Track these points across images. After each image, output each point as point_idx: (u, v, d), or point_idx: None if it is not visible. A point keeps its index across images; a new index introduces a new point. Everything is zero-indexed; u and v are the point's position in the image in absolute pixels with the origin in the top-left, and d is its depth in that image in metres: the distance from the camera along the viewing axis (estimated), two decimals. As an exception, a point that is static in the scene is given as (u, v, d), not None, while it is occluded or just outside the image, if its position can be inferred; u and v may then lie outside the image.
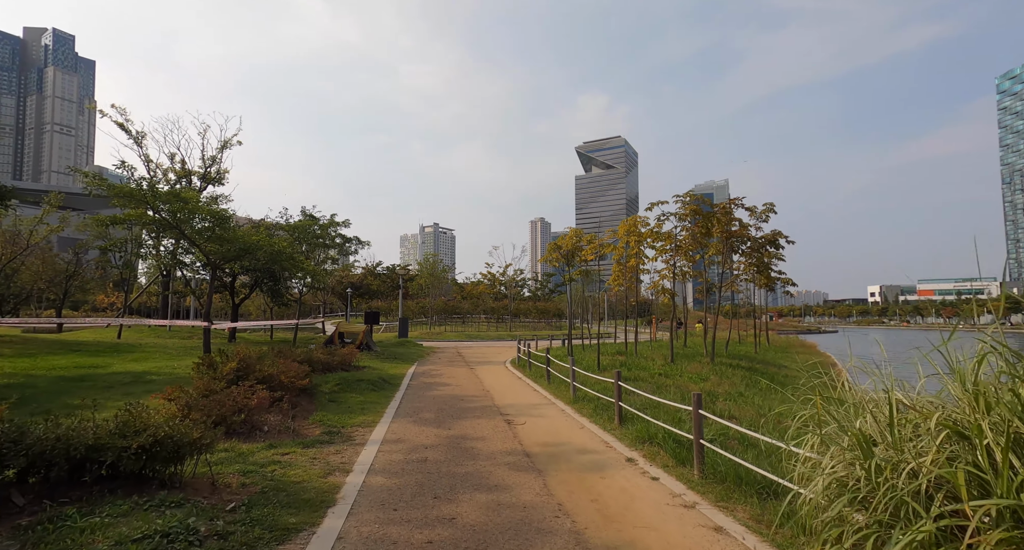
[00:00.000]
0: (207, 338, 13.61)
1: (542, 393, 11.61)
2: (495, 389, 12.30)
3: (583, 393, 10.53)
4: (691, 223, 15.61)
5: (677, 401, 9.03)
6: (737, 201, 15.54)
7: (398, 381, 13.34)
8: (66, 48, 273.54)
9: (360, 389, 11.14)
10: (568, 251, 18.16)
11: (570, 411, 9.38)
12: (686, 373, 13.91)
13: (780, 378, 15.41)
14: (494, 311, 55.63)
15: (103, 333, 23.29)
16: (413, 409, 9.49)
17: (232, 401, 6.64)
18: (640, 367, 15.00)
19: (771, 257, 19.29)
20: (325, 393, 10.43)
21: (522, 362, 17.80)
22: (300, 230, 20.07)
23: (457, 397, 10.96)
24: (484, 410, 9.51)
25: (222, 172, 26.98)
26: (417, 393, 11.47)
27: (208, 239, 12.29)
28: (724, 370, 14.92)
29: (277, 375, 8.50)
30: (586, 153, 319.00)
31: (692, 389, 11.40)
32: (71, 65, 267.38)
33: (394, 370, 15.90)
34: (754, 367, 16.68)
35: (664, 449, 6.32)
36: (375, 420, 8.40)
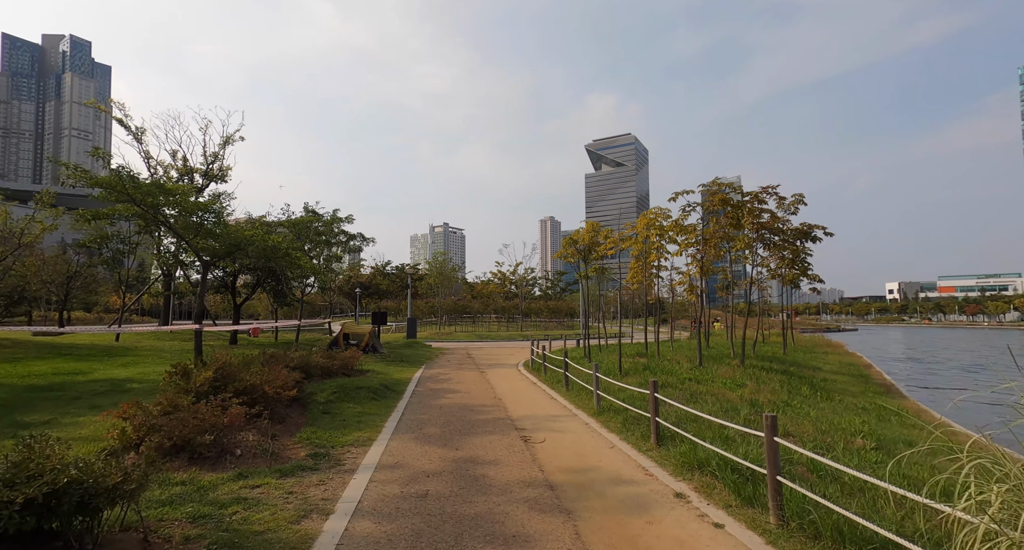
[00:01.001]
0: (198, 341, 12.67)
1: (560, 402, 10.43)
2: (508, 397, 11.16)
3: (608, 403, 9.34)
4: (721, 213, 14.32)
5: (720, 415, 7.82)
6: (770, 189, 14.21)
7: (402, 387, 12.26)
8: (83, 54, 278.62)
9: (359, 398, 10.07)
10: (585, 246, 16.93)
11: (595, 425, 8.20)
12: (717, 378, 12.63)
13: (819, 382, 14.05)
14: (505, 310, 54.53)
15: (103, 335, 22.60)
16: (416, 422, 8.38)
17: (197, 420, 5.58)
18: (666, 371, 13.75)
19: (800, 252, 17.87)
20: (319, 403, 9.37)
21: (536, 365, 16.64)
22: (301, 226, 19.11)
23: (466, 407, 9.84)
24: (496, 424, 8.36)
25: (225, 169, 26.20)
26: (422, 402, 10.37)
27: (197, 234, 11.34)
28: (758, 374, 13.61)
29: (260, 385, 7.43)
30: (595, 151, 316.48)
31: (729, 397, 10.15)
32: (88, 71, 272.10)
33: (399, 374, 14.84)
34: (788, 370, 15.32)
35: (721, 481, 5.11)
36: (372, 437, 7.30)
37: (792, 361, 19.14)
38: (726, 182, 14.32)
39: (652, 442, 6.76)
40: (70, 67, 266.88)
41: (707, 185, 14.95)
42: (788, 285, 25.34)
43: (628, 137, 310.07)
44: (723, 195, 14.16)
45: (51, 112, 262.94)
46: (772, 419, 4.29)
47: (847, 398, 12.01)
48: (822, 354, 25.09)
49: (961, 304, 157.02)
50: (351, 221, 20.34)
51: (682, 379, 12.32)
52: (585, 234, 16.61)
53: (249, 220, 20.02)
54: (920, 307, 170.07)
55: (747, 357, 18.16)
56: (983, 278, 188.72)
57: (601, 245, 17.16)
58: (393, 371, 15.55)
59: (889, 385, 15.77)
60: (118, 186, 10.13)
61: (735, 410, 8.77)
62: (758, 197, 14.05)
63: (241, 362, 8.79)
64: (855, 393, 13.30)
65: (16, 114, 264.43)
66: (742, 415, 8.16)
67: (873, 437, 7.00)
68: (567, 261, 18.93)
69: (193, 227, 11.30)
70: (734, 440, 6.61)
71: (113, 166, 9.95)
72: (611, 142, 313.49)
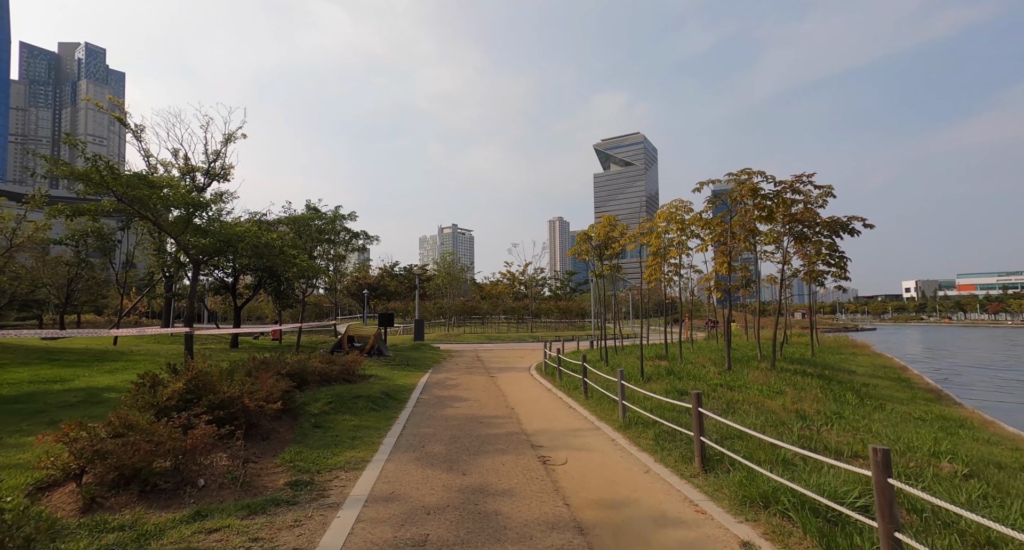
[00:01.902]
0: (189, 345, 11.82)
1: (580, 412, 9.38)
2: (521, 406, 10.13)
3: (634, 414, 8.28)
4: (750, 205, 13.18)
5: (770, 432, 6.73)
6: (804, 177, 13.04)
7: (406, 395, 11.29)
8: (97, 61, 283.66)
9: (357, 408, 9.11)
10: (600, 243, 15.86)
11: (622, 441, 7.14)
12: (750, 384, 11.50)
13: (859, 387, 12.82)
14: (514, 311, 53.53)
15: (101, 339, 21.97)
16: (418, 438, 7.39)
17: (153, 443, 4.63)
18: (692, 376, 12.63)
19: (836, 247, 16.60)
20: (312, 415, 8.42)
21: (550, 369, 15.60)
22: (301, 224, 18.26)
23: (475, 419, 8.83)
24: (510, 439, 7.34)
25: (227, 167, 25.53)
26: (426, 413, 9.38)
27: (185, 231, 10.49)
28: (793, 379, 12.44)
29: (240, 398, 6.49)
30: (604, 150, 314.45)
31: (770, 407, 9.03)
32: (102, 77, 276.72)
33: (404, 380, 13.89)
34: (823, 374, 14.11)
35: (798, 525, 4.04)
36: (366, 457, 6.32)
37: (823, 363, 17.89)
38: (755, 171, 13.18)
39: (696, 466, 5.69)
40: (85, 74, 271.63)
41: (735, 174, 13.81)
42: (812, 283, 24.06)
43: (637, 136, 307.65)
44: (753, 184, 13.01)
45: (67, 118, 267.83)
46: (884, 454, 3.23)
47: (897, 406, 10.81)
48: (850, 355, 23.74)
49: (982, 302, 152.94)
50: (354, 218, 19.47)
51: (712, 385, 11.20)
52: (600, 229, 15.54)
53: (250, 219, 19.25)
54: (939, 305, 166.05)
55: (768, 358, 16.98)
56: (1004, 275, 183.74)
57: (617, 241, 16.07)
58: (397, 376, 14.61)
59: (936, 390, 14.48)
60: (96, 178, 9.32)
61: (783, 423, 7.67)
62: (792, 186, 12.89)
63: (224, 370, 7.88)
64: (903, 400, 12.07)
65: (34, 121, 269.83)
66: (795, 431, 7.06)
67: (960, 460, 5.87)
68: (580, 259, 17.87)
69: (181, 223, 10.46)
70: (794, 464, 5.54)
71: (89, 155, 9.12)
72: (620, 141, 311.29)
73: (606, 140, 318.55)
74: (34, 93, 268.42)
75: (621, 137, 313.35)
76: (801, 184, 13.04)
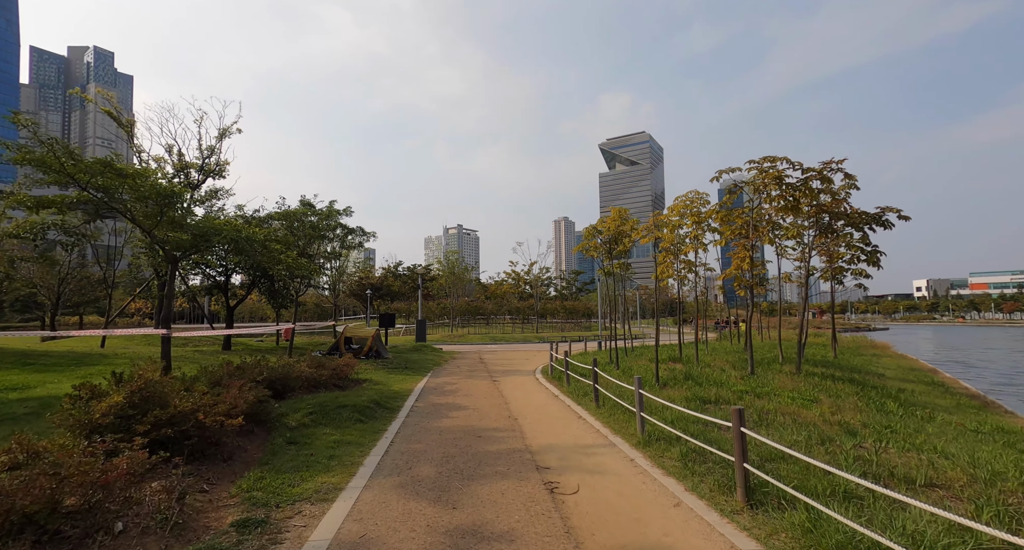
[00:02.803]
0: (165, 349, 10.91)
1: (591, 423, 8.35)
2: (526, 415, 9.12)
3: (655, 428, 7.24)
4: (776, 193, 12.08)
5: (818, 453, 5.68)
6: (835, 163, 11.91)
7: (399, 403, 10.31)
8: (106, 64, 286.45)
9: (340, 419, 8.13)
10: (610, 237, 14.80)
11: (643, 462, 6.10)
12: (779, 390, 10.40)
13: (895, 393, 11.66)
14: (519, 311, 52.52)
15: (90, 340, 21.19)
16: (406, 458, 6.39)
17: (58, 476, 3.67)
18: (712, 381, 11.55)
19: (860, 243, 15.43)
20: (289, 429, 7.45)
21: (556, 373, 14.57)
22: (293, 219, 17.33)
23: (473, 431, 7.82)
24: (512, 458, 6.33)
25: (222, 164, 24.73)
26: (419, 424, 8.38)
27: (158, 225, 9.59)
28: (824, 384, 11.32)
29: (193, 412, 5.52)
30: (609, 150, 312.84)
31: (808, 418, 7.94)
32: (111, 81, 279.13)
33: (399, 385, 12.92)
34: (853, 378, 12.96)
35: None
36: (340, 484, 5.33)
37: (848, 366, 16.72)
38: (780, 156, 12.08)
39: (739, 499, 4.64)
40: (94, 77, 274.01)
41: (756, 161, 12.70)
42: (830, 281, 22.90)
43: (643, 135, 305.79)
44: (778, 172, 11.91)
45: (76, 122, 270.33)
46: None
47: (943, 415, 9.67)
48: (872, 356, 22.50)
49: (997, 301, 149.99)
50: (349, 213, 18.51)
51: (736, 392, 10.12)
52: (610, 223, 14.49)
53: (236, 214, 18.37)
54: (952, 305, 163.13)
55: (794, 361, 15.86)
56: (1018, 274, 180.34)
57: (628, 236, 14.99)
58: (393, 381, 13.64)
59: (977, 396, 13.29)
60: (54, 164, 8.43)
61: (828, 439, 6.59)
62: (821, 174, 11.76)
63: (187, 378, 6.94)
64: (948, 408, 10.92)
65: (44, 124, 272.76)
66: (848, 451, 5.98)
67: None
68: (589, 255, 16.82)
69: (154, 216, 9.55)
70: (859, 496, 4.48)
71: None
72: (625, 141, 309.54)
73: (611, 139, 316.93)
74: (44, 97, 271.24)
75: (627, 136, 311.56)
76: (830, 171, 11.92)
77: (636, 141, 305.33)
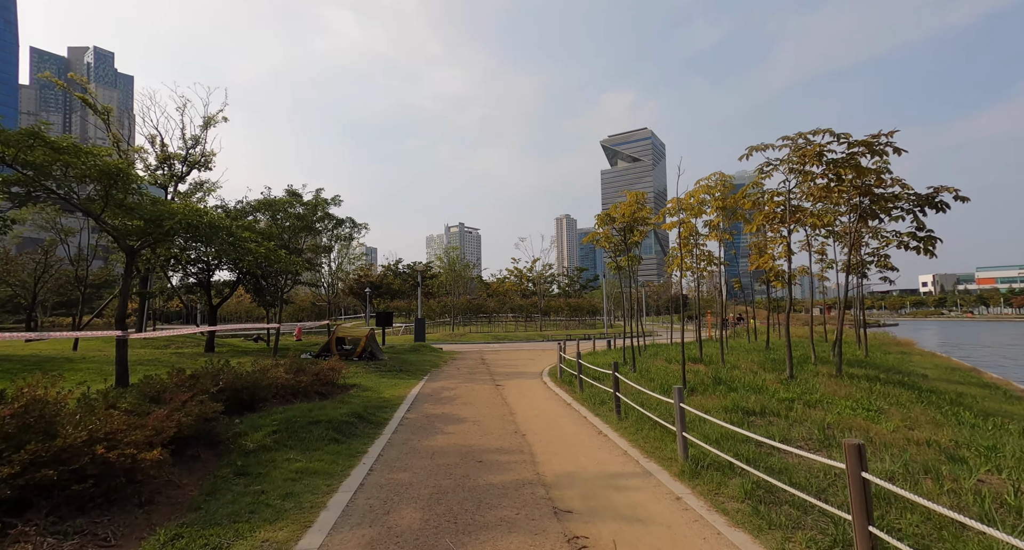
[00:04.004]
0: (120, 355, 9.49)
1: (615, 442, 6.89)
2: (535, 430, 7.67)
3: (698, 450, 5.78)
4: (818, 171, 10.59)
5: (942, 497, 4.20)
6: (884, 136, 10.39)
7: (386, 415, 8.87)
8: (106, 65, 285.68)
9: (311, 440, 6.69)
10: (625, 225, 13.31)
11: (695, 502, 4.65)
12: (829, 396, 8.91)
13: (952, 397, 10.17)
14: (522, 309, 51.06)
15: (67, 343, 19.83)
16: (385, 497, 4.94)
17: None
18: (748, 386, 10.07)
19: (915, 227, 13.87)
20: (244, 453, 6.02)
21: (567, 376, 13.12)
22: (276, 208, 15.89)
23: (472, 454, 6.38)
24: (520, 495, 4.89)
25: (208, 155, 23.34)
26: (407, 444, 6.94)
27: (103, 208, 8.19)
28: (877, 390, 9.83)
29: (90, 445, 4.07)
30: (611, 147, 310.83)
31: (882, 435, 6.47)
32: (111, 81, 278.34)
33: (391, 391, 11.49)
34: (902, 381, 11.48)
35: None
36: (289, 542, 3.89)
37: (883, 365, 15.24)
38: (822, 129, 10.57)
39: (860, 577, 3.18)
40: (94, 78, 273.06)
41: (791, 137, 11.20)
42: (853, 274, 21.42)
43: (644, 132, 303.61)
44: (819, 146, 10.40)
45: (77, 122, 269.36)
46: None
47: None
48: (901, 354, 20.96)
49: (1006, 296, 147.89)
50: (338, 203, 17.07)
51: (782, 401, 8.64)
52: (625, 208, 13.00)
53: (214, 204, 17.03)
54: (960, 300, 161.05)
55: (827, 361, 14.39)
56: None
57: (646, 222, 13.51)
58: (385, 386, 12.21)
59: (1044, 400, 11.79)
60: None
61: (932, 468, 5.12)
62: (871, 147, 10.23)
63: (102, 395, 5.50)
64: (1018, 415, 9.43)
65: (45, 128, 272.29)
66: (967, 488, 4.51)
67: None
68: (599, 246, 15.35)
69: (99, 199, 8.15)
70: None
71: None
72: (627, 137, 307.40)
73: (613, 136, 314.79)
74: (44, 98, 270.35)
75: (628, 133, 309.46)
76: (879, 145, 10.40)
77: (638, 138, 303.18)
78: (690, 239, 14.41)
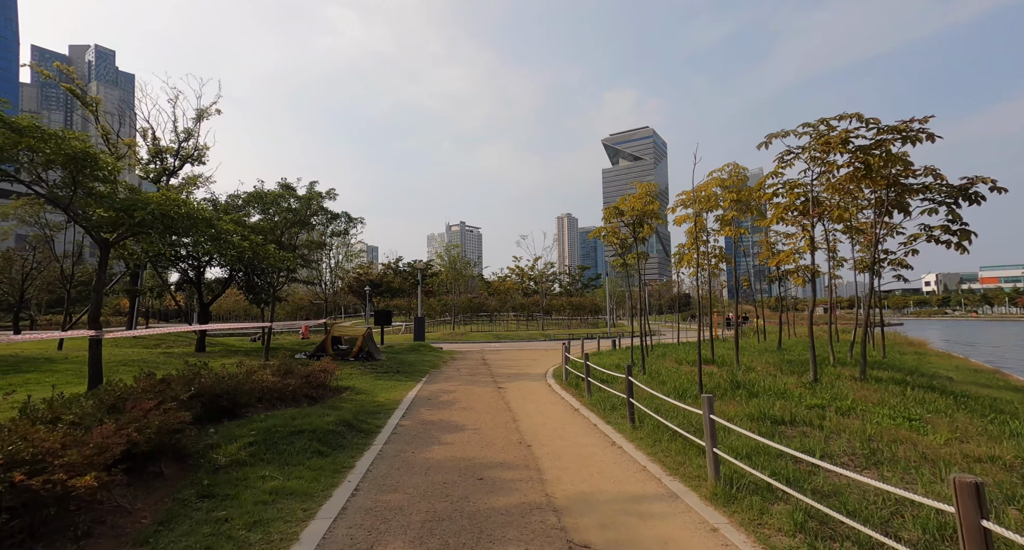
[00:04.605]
0: (93, 355, 8.79)
1: (632, 455, 6.17)
2: (541, 441, 6.96)
3: (731, 468, 5.07)
4: (845, 159, 9.85)
5: None
6: (917, 121, 9.64)
7: (379, 422, 8.17)
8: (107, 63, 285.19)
9: (292, 452, 5.98)
10: (635, 218, 12.58)
11: (736, 536, 3.93)
12: (862, 403, 8.18)
13: (989, 403, 9.44)
14: (524, 308, 50.33)
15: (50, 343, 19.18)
16: (370, 525, 4.24)
17: None
18: (769, 390, 9.34)
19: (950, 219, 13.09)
20: (214, 469, 5.32)
21: (572, 378, 12.41)
22: (267, 202, 15.18)
23: (472, 470, 5.67)
24: (528, 523, 4.17)
25: (201, 148, 22.67)
26: (400, 457, 6.24)
27: (72, 199, 7.48)
28: (911, 395, 9.10)
29: (10, 467, 3.37)
30: (612, 145, 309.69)
31: (932, 448, 5.75)
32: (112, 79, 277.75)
33: (386, 395, 10.79)
34: (932, 385, 10.74)
35: None
36: (247, 590, 3.19)
37: (905, 367, 14.50)
38: (849, 113, 9.84)
39: None
40: (95, 76, 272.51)
41: (812, 124, 10.46)
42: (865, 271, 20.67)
43: (646, 130, 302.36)
44: (846, 132, 9.66)
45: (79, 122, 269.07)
46: None
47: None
48: (917, 355, 20.19)
49: (1011, 295, 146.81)
50: (333, 197, 16.34)
51: (811, 407, 7.92)
52: (635, 201, 12.26)
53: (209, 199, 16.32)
54: (965, 299, 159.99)
55: (846, 363, 13.68)
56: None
57: (655, 217, 12.78)
58: (380, 389, 11.52)
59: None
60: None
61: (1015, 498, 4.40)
62: (904, 133, 9.48)
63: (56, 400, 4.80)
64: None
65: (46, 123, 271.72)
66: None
67: None
68: (606, 241, 14.62)
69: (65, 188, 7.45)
70: None
71: None
72: (629, 136, 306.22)
73: (615, 134, 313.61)
74: (46, 96, 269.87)
75: (630, 131, 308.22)
76: (911, 131, 9.65)
77: (639, 136, 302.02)
78: (701, 234, 13.69)
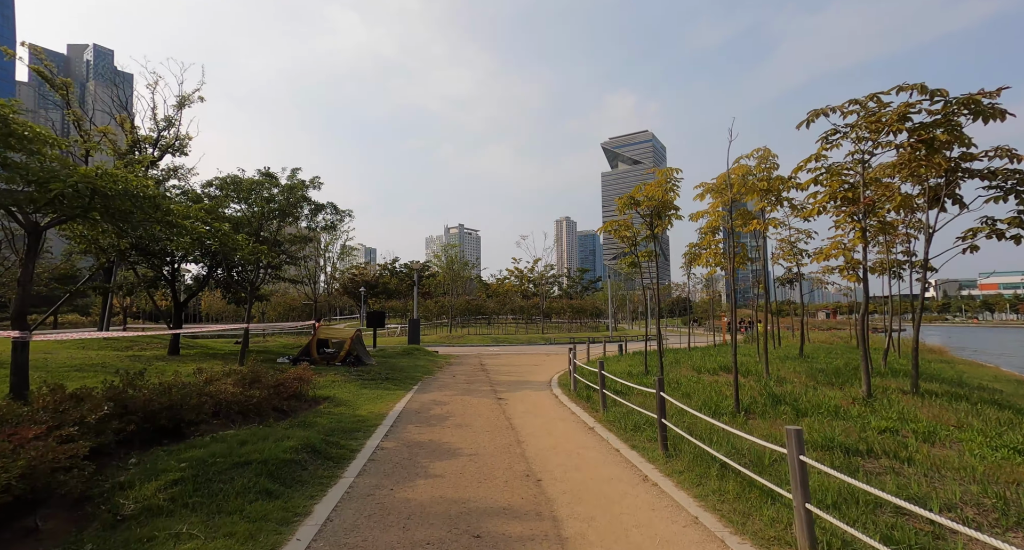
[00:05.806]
0: (19, 360, 7.36)
1: (674, 498, 4.75)
2: (555, 477, 5.53)
3: (827, 527, 3.65)
4: (900, 139, 8.50)
5: None
6: (988, 94, 8.30)
7: (356, 443, 6.73)
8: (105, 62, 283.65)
9: (229, 493, 4.54)
10: (653, 209, 11.19)
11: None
12: (943, 425, 6.78)
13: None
14: (523, 311, 48.89)
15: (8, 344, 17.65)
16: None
17: None
18: (815, 406, 7.94)
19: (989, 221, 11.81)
20: (114, 519, 3.88)
21: (581, 388, 10.99)
22: (242, 190, 13.73)
23: (465, 522, 4.24)
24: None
25: (183, 138, 21.26)
26: (373, 498, 4.80)
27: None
28: (993, 414, 7.72)
29: None
30: (612, 149, 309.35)
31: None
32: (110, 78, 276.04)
33: (369, 406, 9.36)
34: (995, 400, 9.37)
35: None
36: None
37: (948, 378, 13.17)
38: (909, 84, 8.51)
39: None
40: (93, 75, 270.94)
41: (860, 101, 9.10)
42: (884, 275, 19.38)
43: (645, 134, 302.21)
44: (906, 106, 8.32)
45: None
46: None
47: None
48: (944, 363, 18.88)
49: (1012, 302, 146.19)
50: (318, 186, 14.91)
51: (878, 430, 6.52)
52: (653, 189, 10.89)
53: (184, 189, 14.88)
54: (965, 305, 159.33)
55: (883, 374, 12.34)
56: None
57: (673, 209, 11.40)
58: (364, 399, 10.08)
59: None
60: None
61: None
62: (975, 106, 8.12)
63: None
64: None
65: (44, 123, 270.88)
66: None
67: None
68: (618, 235, 13.24)
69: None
70: None
71: None
72: (628, 140, 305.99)
73: (614, 138, 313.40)
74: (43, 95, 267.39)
75: (629, 135, 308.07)
76: (983, 105, 8.29)
77: (639, 140, 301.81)
78: (720, 230, 12.35)
